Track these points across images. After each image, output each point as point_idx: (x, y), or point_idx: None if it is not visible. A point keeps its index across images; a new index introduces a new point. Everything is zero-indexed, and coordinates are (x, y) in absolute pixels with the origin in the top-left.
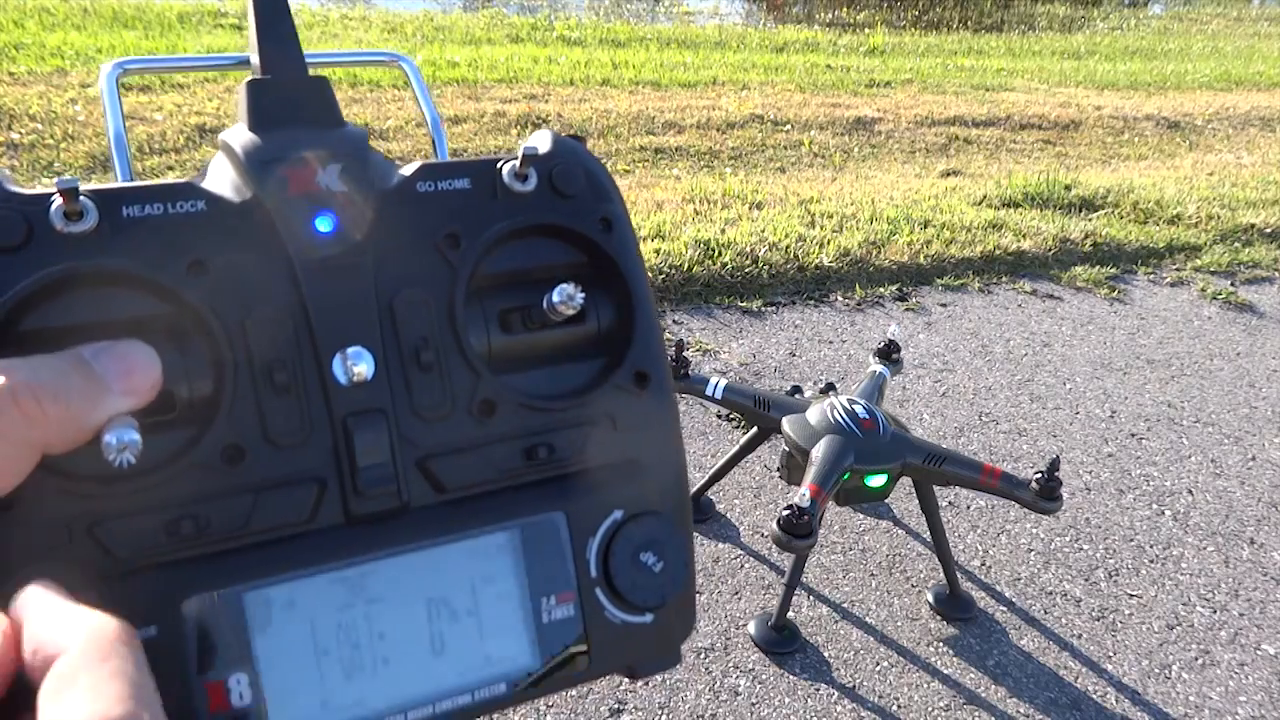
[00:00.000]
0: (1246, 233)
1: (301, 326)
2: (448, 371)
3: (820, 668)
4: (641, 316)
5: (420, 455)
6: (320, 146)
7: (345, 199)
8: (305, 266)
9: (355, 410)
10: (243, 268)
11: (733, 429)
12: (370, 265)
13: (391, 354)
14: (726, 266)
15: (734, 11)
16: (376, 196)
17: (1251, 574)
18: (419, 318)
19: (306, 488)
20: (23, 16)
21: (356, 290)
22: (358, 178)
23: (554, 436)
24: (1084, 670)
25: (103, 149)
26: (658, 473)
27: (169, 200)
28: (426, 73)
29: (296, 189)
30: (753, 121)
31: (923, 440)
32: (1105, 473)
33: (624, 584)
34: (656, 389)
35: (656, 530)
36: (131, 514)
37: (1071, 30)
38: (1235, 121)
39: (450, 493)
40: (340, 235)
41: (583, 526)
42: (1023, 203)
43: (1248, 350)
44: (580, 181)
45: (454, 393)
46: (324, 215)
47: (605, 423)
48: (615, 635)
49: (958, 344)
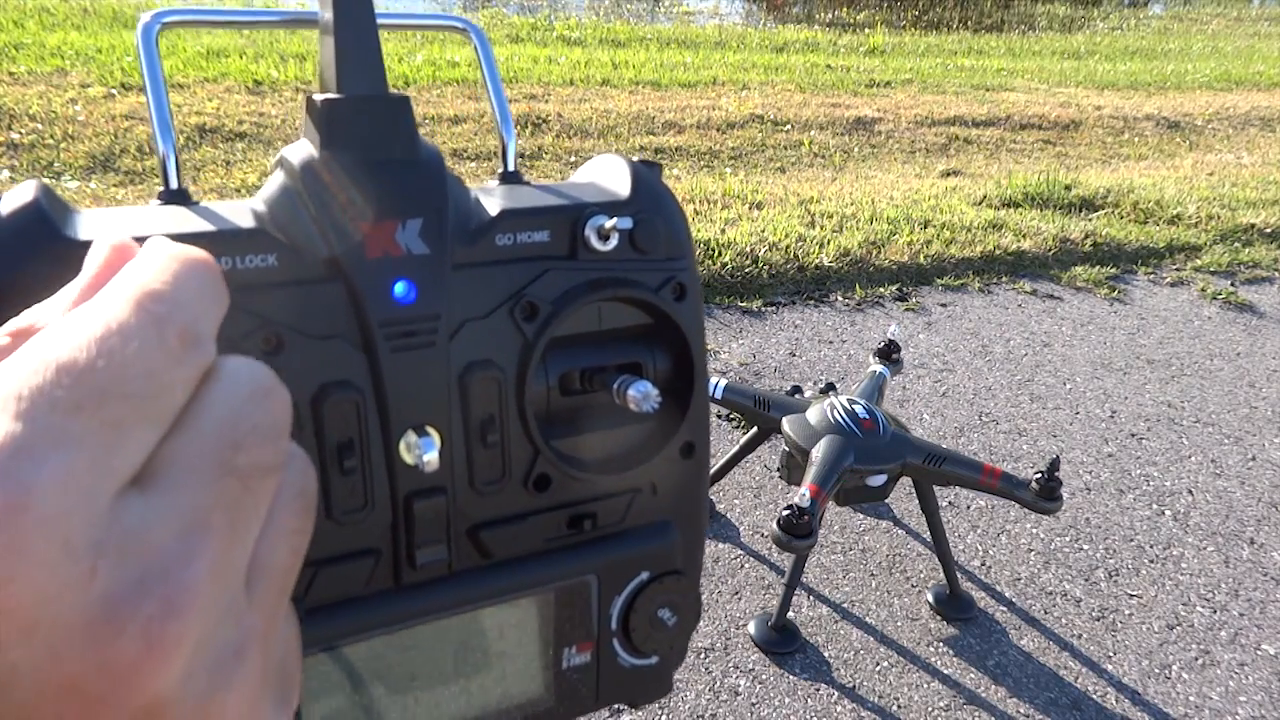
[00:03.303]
0: (1246, 233)
1: (373, 404)
2: (509, 446)
3: (820, 668)
4: (699, 389)
5: (471, 525)
6: (401, 194)
7: (426, 263)
8: (384, 340)
9: (418, 490)
10: (315, 336)
11: (733, 429)
12: (446, 337)
13: (457, 431)
14: (726, 266)
15: (734, 11)
16: (457, 255)
17: (1251, 574)
18: (490, 395)
19: (364, 561)
20: (23, 16)
21: (431, 366)
22: (439, 236)
23: (599, 505)
24: (1084, 670)
25: (103, 149)
26: (686, 533)
27: (237, 254)
28: (426, 72)
29: (375, 251)
30: (753, 121)
31: (923, 440)
32: (1105, 473)
33: (639, 637)
34: (700, 459)
35: (676, 588)
36: None
37: (1071, 30)
38: (1235, 121)
39: (495, 559)
40: (419, 305)
41: (612, 586)
42: (1023, 203)
43: (1248, 350)
44: (662, 240)
45: (511, 467)
46: (403, 282)
47: (648, 489)
48: (623, 675)
49: (958, 344)
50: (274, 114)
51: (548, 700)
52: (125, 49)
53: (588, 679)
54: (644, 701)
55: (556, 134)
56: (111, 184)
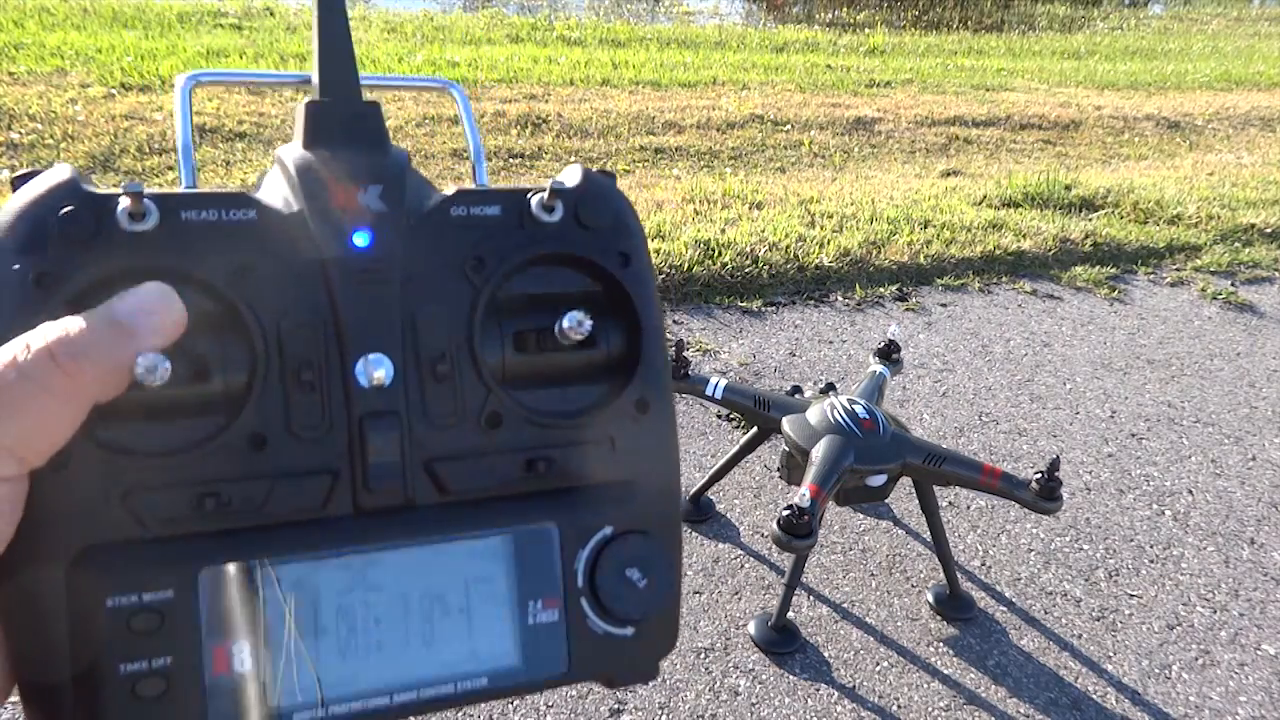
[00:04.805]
0: (1246, 233)
1: (331, 331)
2: (461, 383)
3: (820, 668)
4: (649, 347)
5: (427, 458)
6: (366, 167)
7: (383, 218)
8: (341, 277)
9: (371, 411)
10: (284, 274)
11: (733, 429)
12: (399, 281)
13: (410, 363)
14: (726, 266)
15: (734, 11)
16: (412, 217)
17: (1251, 574)
18: (439, 332)
19: (321, 478)
20: (23, 16)
21: (384, 302)
22: (396, 199)
23: (555, 452)
24: (1084, 670)
25: (102, 149)
26: (651, 495)
27: (224, 207)
28: (426, 73)
29: (339, 205)
30: (753, 121)
31: (923, 440)
32: (1105, 473)
33: (608, 596)
34: (657, 416)
35: (644, 549)
36: (162, 488)
37: (1071, 30)
38: (1235, 121)
39: (453, 495)
40: (375, 251)
41: (574, 538)
42: (1023, 203)
43: (1248, 350)
44: (605, 217)
45: (465, 403)
46: (362, 231)
47: (605, 443)
48: (596, 644)
49: (958, 344)
50: (274, 114)
51: (516, 661)
52: (125, 49)
53: (556, 640)
54: (622, 681)
55: (556, 134)
56: (111, 184)
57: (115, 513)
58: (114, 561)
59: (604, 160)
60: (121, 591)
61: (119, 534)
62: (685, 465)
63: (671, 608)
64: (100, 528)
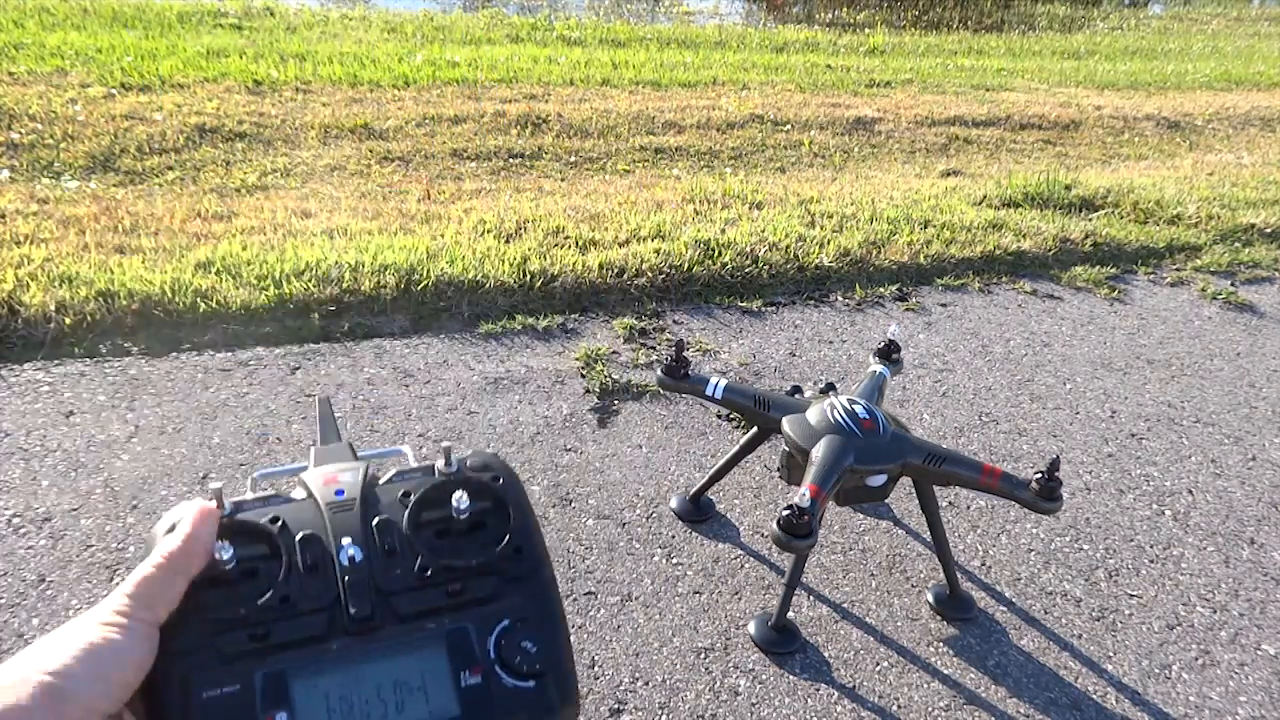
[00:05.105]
0: (1246, 233)
1: (327, 536)
2: (403, 556)
3: (820, 668)
4: (516, 519)
5: (386, 597)
6: (344, 468)
7: (351, 483)
8: (329, 509)
9: (351, 575)
10: (302, 518)
11: (733, 429)
12: (360, 508)
13: (373, 548)
14: (726, 266)
15: (734, 11)
16: (366, 489)
17: (1251, 574)
18: (388, 530)
19: (323, 615)
20: (23, 16)
21: (353, 517)
22: (360, 477)
23: (464, 582)
24: (1084, 670)
25: (102, 149)
26: (532, 594)
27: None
28: (426, 72)
29: (329, 484)
30: (753, 121)
31: (923, 440)
32: (1105, 473)
33: (511, 661)
34: (529, 554)
35: (532, 628)
36: (230, 629)
37: (1071, 30)
38: (1235, 121)
39: (405, 616)
40: (347, 497)
41: (484, 629)
42: (1023, 203)
43: (1248, 350)
44: (479, 458)
45: (407, 565)
46: (339, 491)
47: (496, 572)
48: (508, 694)
49: (958, 344)
50: (274, 114)
51: (457, 711)
52: (125, 49)
53: (483, 694)
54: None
55: (556, 134)
56: (111, 184)
57: (206, 644)
58: (205, 672)
59: (604, 160)
60: (210, 688)
61: (208, 656)
62: (685, 465)
63: (562, 665)
64: (197, 654)
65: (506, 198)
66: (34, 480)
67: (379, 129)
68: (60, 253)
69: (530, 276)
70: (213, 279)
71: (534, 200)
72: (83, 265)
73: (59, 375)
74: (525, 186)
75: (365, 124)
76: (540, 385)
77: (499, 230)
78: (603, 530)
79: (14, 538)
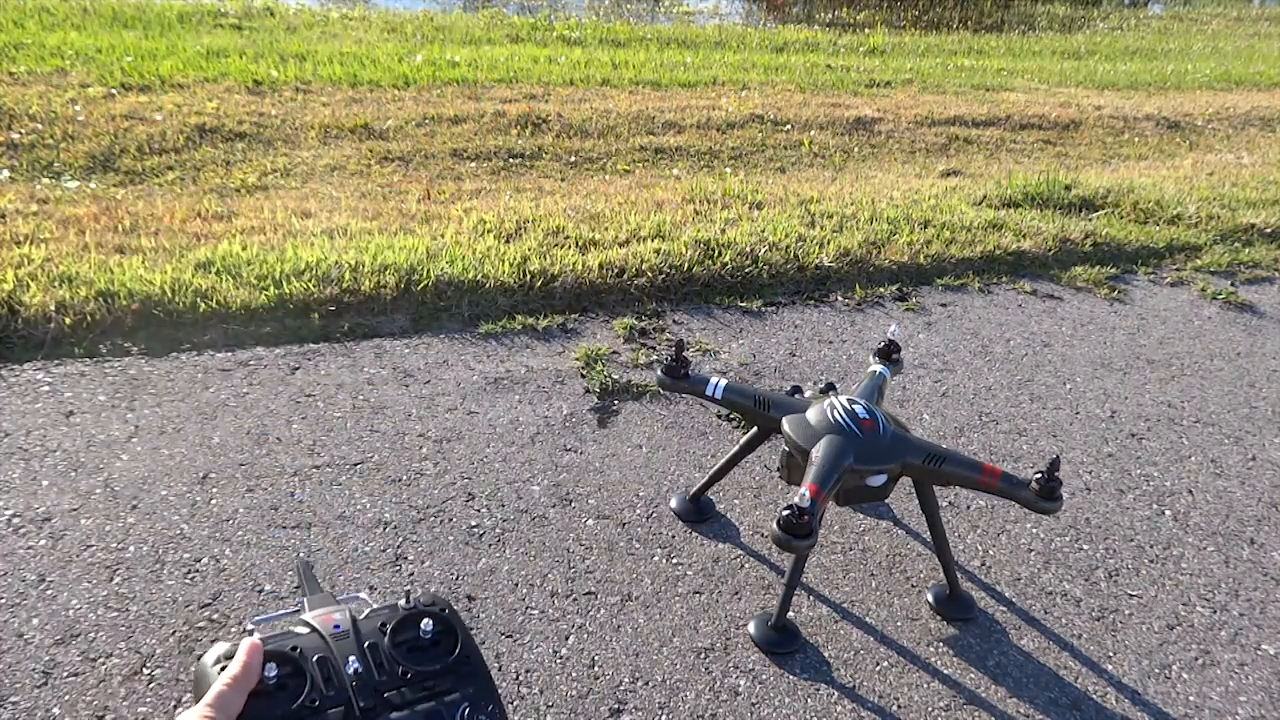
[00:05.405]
0: (1246, 233)
1: (334, 656)
2: (389, 667)
3: (820, 668)
4: (463, 640)
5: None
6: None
7: (343, 620)
8: (332, 639)
9: (355, 682)
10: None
11: (733, 429)
12: (353, 635)
13: (367, 662)
14: (726, 266)
15: (734, 11)
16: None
17: (1251, 574)
18: (376, 650)
19: (340, 710)
20: (23, 16)
21: (350, 643)
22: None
23: (434, 680)
24: (1084, 670)
25: (103, 149)
26: (480, 687)
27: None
28: (426, 72)
29: (326, 623)
30: (753, 121)
31: (923, 440)
32: (1105, 473)
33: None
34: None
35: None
36: None
37: (1071, 30)
38: (1235, 121)
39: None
40: (343, 630)
41: (451, 710)
42: (1023, 203)
43: (1248, 350)
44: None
45: (394, 673)
46: (336, 625)
47: (452, 672)
48: None
49: (958, 344)
50: (274, 114)
51: None
52: (125, 49)
53: None
54: None
55: (556, 134)
56: (111, 184)
57: None
58: None
59: (604, 160)
60: None
61: None
62: (685, 465)
63: None
64: None
65: (506, 198)
66: (34, 480)
67: (379, 129)
68: (60, 253)
69: (530, 276)
70: (213, 279)
71: (534, 200)
72: (83, 265)
73: (59, 375)
74: (525, 186)
75: (365, 124)
76: (540, 385)
77: (499, 230)
78: (603, 530)
79: (14, 538)
